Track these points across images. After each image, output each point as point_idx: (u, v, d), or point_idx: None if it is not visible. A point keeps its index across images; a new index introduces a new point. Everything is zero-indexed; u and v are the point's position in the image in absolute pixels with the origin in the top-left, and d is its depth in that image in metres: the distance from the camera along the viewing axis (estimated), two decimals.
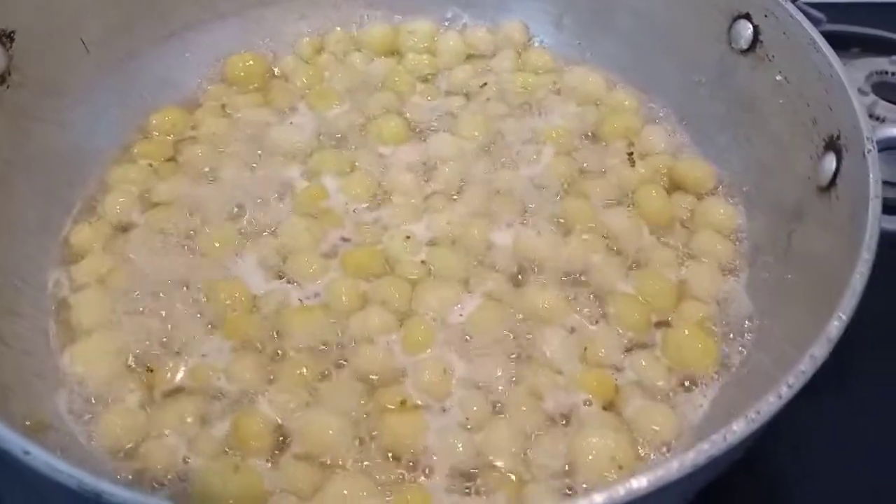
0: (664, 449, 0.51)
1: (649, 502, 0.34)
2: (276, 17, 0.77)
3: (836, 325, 0.40)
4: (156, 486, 0.49)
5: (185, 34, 0.73)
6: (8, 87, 0.59)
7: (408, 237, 0.62)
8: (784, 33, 0.59)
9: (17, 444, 0.34)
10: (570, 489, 0.48)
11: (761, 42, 0.61)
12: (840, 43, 0.86)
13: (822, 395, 0.50)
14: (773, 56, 0.60)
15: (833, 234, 0.51)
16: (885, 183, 0.73)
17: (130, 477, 0.49)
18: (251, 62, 0.75)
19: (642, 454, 0.51)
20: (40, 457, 0.34)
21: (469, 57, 0.77)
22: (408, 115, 0.72)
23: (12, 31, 0.58)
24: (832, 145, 0.53)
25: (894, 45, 0.87)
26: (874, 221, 0.45)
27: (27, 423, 0.47)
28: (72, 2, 0.64)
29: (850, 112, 0.51)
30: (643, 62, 0.72)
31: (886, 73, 0.83)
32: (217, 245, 0.61)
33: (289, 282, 0.60)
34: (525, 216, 0.63)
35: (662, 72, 0.71)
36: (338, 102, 0.73)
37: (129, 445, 0.51)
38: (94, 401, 0.53)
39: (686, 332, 0.56)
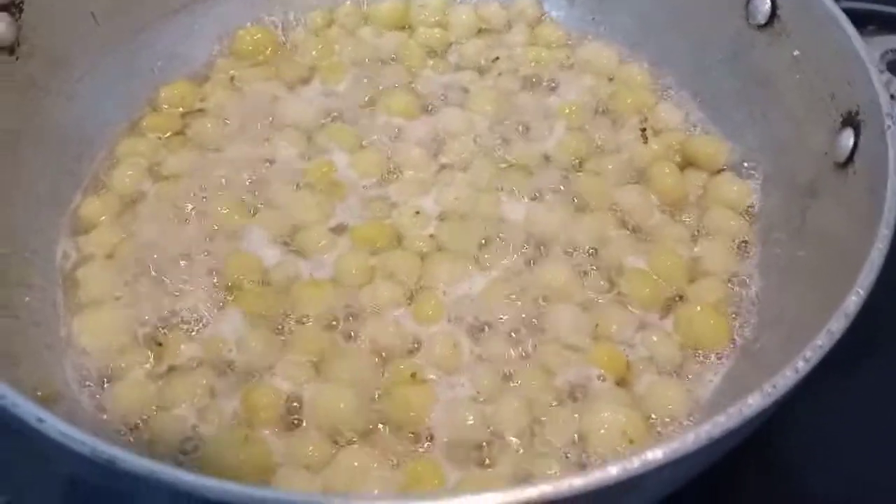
0: (676, 424, 0.51)
1: (664, 475, 0.34)
2: None
3: (853, 301, 0.40)
4: (166, 457, 0.49)
5: (194, 7, 0.73)
6: (17, 59, 0.59)
7: (417, 212, 0.61)
8: (802, 8, 0.58)
9: (31, 411, 0.34)
10: (580, 462, 0.48)
11: (779, 17, 0.60)
12: (856, 20, 0.85)
13: (837, 377, 0.50)
14: (791, 31, 0.59)
15: (849, 210, 0.51)
16: None
17: (140, 448, 0.49)
18: (259, 35, 0.74)
19: (654, 429, 0.51)
20: (54, 424, 0.34)
21: (481, 31, 0.76)
22: (418, 89, 0.71)
23: (21, 2, 0.58)
24: (850, 121, 0.53)
25: None
26: (893, 197, 0.45)
27: (38, 393, 0.47)
28: None
29: (870, 88, 0.51)
30: (657, 37, 0.72)
31: None
32: (226, 218, 0.61)
33: (298, 255, 0.60)
34: (536, 191, 0.63)
35: (677, 47, 0.70)
36: (347, 76, 0.72)
37: (140, 417, 0.51)
38: (102, 372, 0.53)
39: (698, 308, 0.56)
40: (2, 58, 0.57)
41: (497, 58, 0.73)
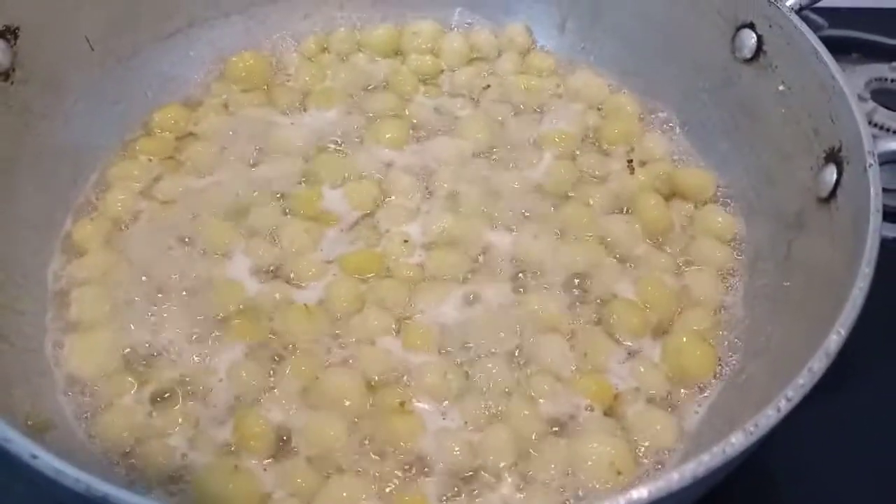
0: (663, 455, 0.52)
1: None
2: (280, 15, 0.77)
3: (834, 340, 0.41)
4: (156, 486, 0.49)
5: (188, 31, 0.73)
6: (12, 84, 0.59)
7: (405, 241, 0.62)
8: (788, 44, 0.59)
9: (25, 447, 0.35)
10: (569, 495, 0.49)
11: (765, 52, 0.61)
12: (840, 48, 0.87)
13: (822, 397, 0.51)
14: (777, 66, 0.60)
15: (833, 244, 0.52)
16: (884, 190, 0.75)
17: (130, 476, 0.50)
18: (252, 61, 0.74)
19: (641, 460, 0.51)
20: (48, 461, 0.34)
21: (472, 59, 0.77)
22: (409, 116, 0.72)
23: (17, 28, 0.58)
24: (833, 157, 0.54)
25: (894, 52, 0.87)
26: (874, 236, 0.45)
27: (29, 422, 0.47)
28: None
29: (853, 125, 0.52)
30: (646, 67, 0.73)
31: (886, 79, 0.84)
32: (216, 244, 0.62)
33: (287, 283, 0.60)
34: (525, 220, 0.64)
35: (665, 78, 0.71)
36: (340, 102, 0.72)
37: (130, 445, 0.51)
38: (93, 398, 0.54)
39: (685, 339, 0.56)
40: None
41: (488, 86, 0.74)
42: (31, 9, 0.60)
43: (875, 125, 0.79)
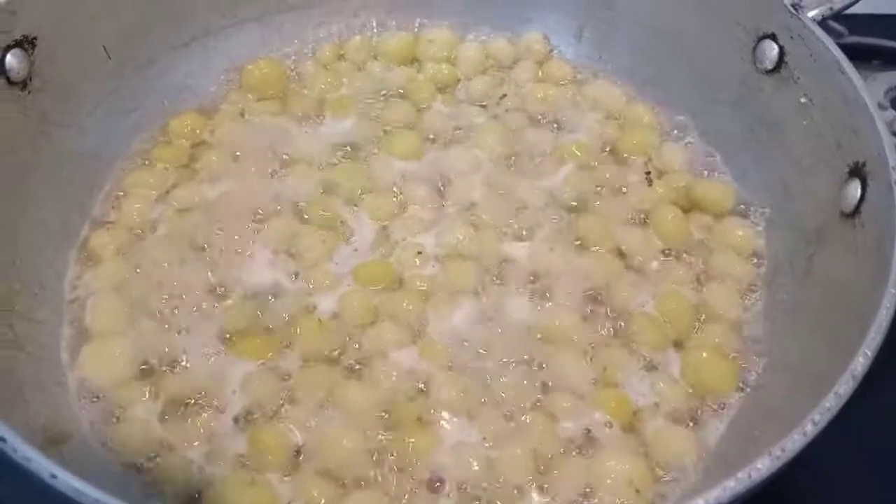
0: (682, 472, 0.51)
1: None
2: (295, 23, 0.77)
3: (861, 363, 0.40)
4: (172, 498, 0.49)
5: (204, 40, 0.73)
6: (30, 93, 0.59)
7: (420, 252, 0.62)
8: (810, 55, 0.58)
9: (44, 466, 0.34)
10: None
11: (786, 63, 0.61)
12: (861, 56, 0.85)
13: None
14: (799, 78, 0.60)
15: (856, 260, 0.51)
16: None
17: (147, 490, 0.49)
18: (267, 70, 0.74)
19: (660, 478, 0.51)
20: (67, 481, 0.34)
21: (488, 68, 0.76)
22: (426, 125, 0.71)
23: (34, 38, 0.58)
24: (857, 172, 0.53)
25: None
26: None
27: (47, 433, 0.47)
28: (93, 8, 0.63)
29: (877, 140, 0.51)
30: (664, 77, 0.72)
31: None
32: (232, 253, 0.61)
33: (303, 294, 0.60)
34: (541, 232, 0.63)
35: (684, 88, 0.71)
36: (355, 111, 0.72)
37: (147, 457, 0.51)
38: (108, 408, 0.54)
39: (704, 354, 0.56)
40: (15, 92, 0.58)
41: (504, 94, 0.73)
42: (49, 19, 0.59)
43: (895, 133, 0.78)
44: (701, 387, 0.55)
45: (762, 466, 0.36)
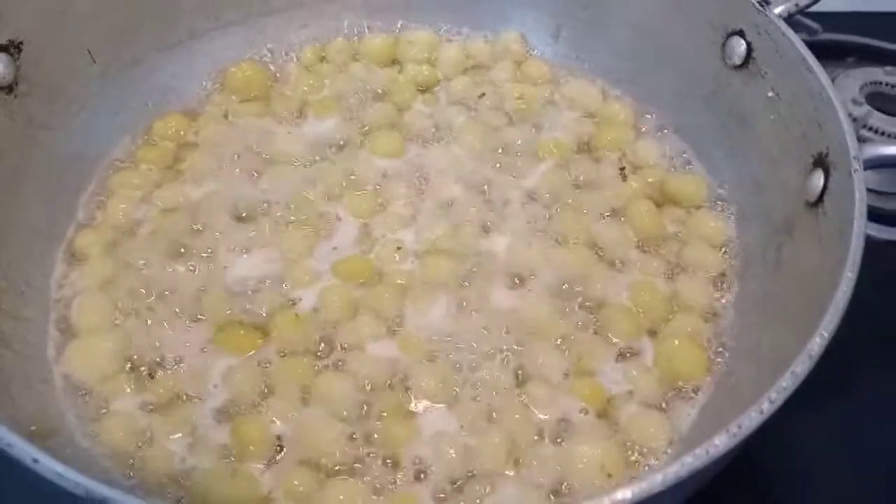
0: (654, 457, 0.52)
1: None
2: (278, 26, 0.78)
3: (818, 342, 0.42)
4: (156, 490, 0.50)
5: (189, 43, 0.74)
6: (16, 97, 0.60)
7: (399, 247, 0.63)
8: (776, 51, 0.60)
9: (26, 451, 0.36)
10: (558, 497, 0.50)
11: (754, 59, 0.62)
12: (835, 52, 0.88)
13: (817, 399, 0.51)
14: (766, 73, 0.61)
15: (821, 249, 0.52)
16: (874, 192, 0.76)
17: (131, 482, 0.51)
18: (250, 71, 0.75)
19: (633, 462, 0.52)
20: (49, 465, 0.35)
21: (468, 68, 0.78)
22: (406, 125, 0.73)
23: (20, 42, 0.60)
24: (820, 162, 0.54)
25: (889, 55, 0.88)
26: (858, 240, 0.46)
27: (33, 428, 0.48)
28: (78, 12, 0.64)
29: (839, 131, 0.52)
30: (639, 75, 0.74)
31: (881, 83, 0.84)
32: (214, 252, 0.63)
33: (284, 289, 0.61)
34: (519, 227, 0.65)
35: (658, 84, 0.72)
36: (337, 112, 0.73)
37: (130, 450, 0.52)
38: (93, 404, 0.55)
39: (676, 342, 0.57)
40: (2, 97, 0.59)
41: (483, 94, 0.75)
42: (34, 23, 0.61)
43: (870, 129, 0.80)
44: (673, 374, 0.56)
45: (719, 443, 0.37)
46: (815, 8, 0.65)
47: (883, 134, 0.80)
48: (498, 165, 0.69)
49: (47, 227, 0.63)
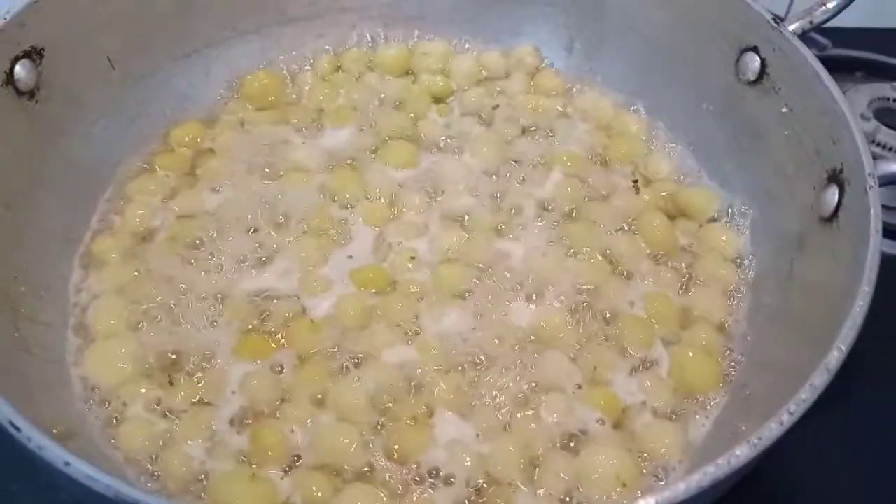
0: (668, 467, 0.53)
1: None
2: (294, 35, 0.79)
3: (835, 356, 0.42)
4: (175, 493, 0.51)
5: (206, 51, 0.75)
6: (37, 102, 0.61)
7: (413, 256, 0.63)
8: (791, 67, 0.61)
9: (58, 455, 0.36)
10: None
11: (768, 74, 0.63)
12: (844, 67, 0.89)
13: (827, 409, 0.51)
14: (780, 88, 0.62)
15: (834, 263, 0.53)
16: (885, 207, 0.76)
17: (150, 485, 0.51)
18: (266, 80, 0.76)
19: (647, 472, 0.52)
20: (80, 468, 0.35)
21: (482, 79, 0.78)
22: (420, 135, 0.73)
23: (42, 49, 0.60)
24: (835, 178, 0.55)
25: None
26: (874, 256, 0.47)
27: (54, 430, 0.48)
28: (99, 20, 0.65)
29: (853, 147, 0.53)
30: (652, 88, 0.74)
31: (889, 98, 0.85)
32: (231, 259, 0.63)
33: (300, 297, 0.61)
34: (533, 238, 0.65)
35: (671, 98, 0.73)
36: (352, 121, 0.74)
37: (149, 454, 0.52)
38: (111, 407, 0.55)
39: (690, 353, 0.58)
40: (23, 102, 0.60)
41: (497, 105, 0.75)
42: (56, 30, 0.61)
43: (878, 144, 0.80)
44: (687, 386, 0.57)
45: (741, 453, 0.38)
46: (824, 24, 0.65)
47: (891, 149, 0.80)
48: (511, 176, 0.70)
49: (65, 232, 0.64)
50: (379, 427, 0.54)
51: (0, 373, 0.46)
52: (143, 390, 0.56)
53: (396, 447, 0.53)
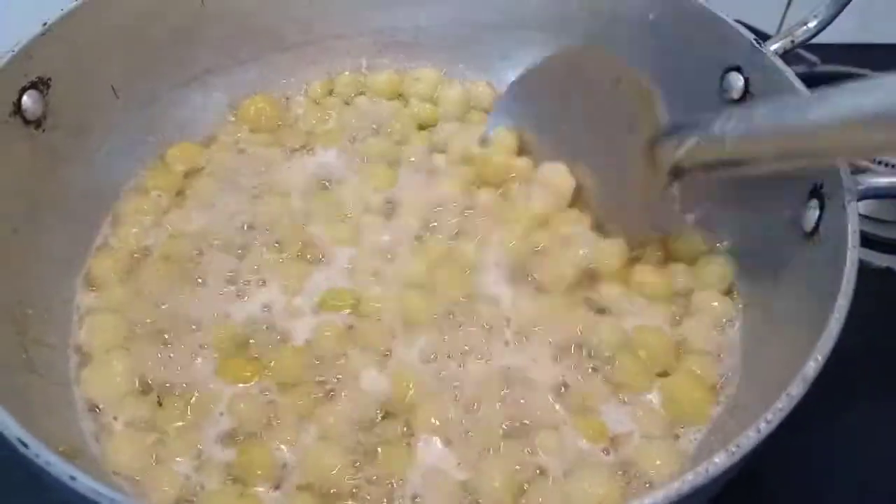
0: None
1: None
2: (290, 62, 0.81)
3: (812, 366, 0.43)
4: None
5: (206, 78, 0.77)
6: (43, 131, 0.62)
7: (390, 281, 0.64)
8: (772, 85, 0.61)
9: (64, 470, 0.38)
10: None
11: (752, 94, 0.64)
12: (834, 82, 0.90)
13: (818, 420, 0.51)
14: None
15: (816, 278, 0.53)
16: (873, 219, 0.77)
17: (138, 500, 0.52)
18: (262, 104, 0.78)
19: (633, 496, 0.52)
20: (86, 482, 0.37)
21: (470, 108, 0.80)
22: (404, 159, 0.74)
23: (49, 79, 0.62)
24: (816, 193, 0.56)
25: None
26: (851, 270, 0.48)
27: (60, 448, 0.49)
28: (103, 50, 0.67)
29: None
30: None
31: None
32: (211, 280, 0.65)
33: (276, 322, 0.63)
34: (517, 269, 0.65)
35: None
36: (340, 144, 0.76)
37: (137, 471, 0.53)
38: (105, 425, 0.56)
39: (683, 385, 0.58)
40: (30, 131, 0.61)
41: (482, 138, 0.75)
42: (63, 61, 0.63)
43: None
44: (679, 416, 0.56)
45: (719, 461, 0.39)
46: (812, 40, 0.67)
47: (879, 162, 0.81)
48: (494, 206, 0.69)
49: (67, 255, 0.66)
50: (363, 448, 0.55)
51: (9, 393, 0.47)
52: (133, 407, 0.57)
53: (380, 468, 0.54)
